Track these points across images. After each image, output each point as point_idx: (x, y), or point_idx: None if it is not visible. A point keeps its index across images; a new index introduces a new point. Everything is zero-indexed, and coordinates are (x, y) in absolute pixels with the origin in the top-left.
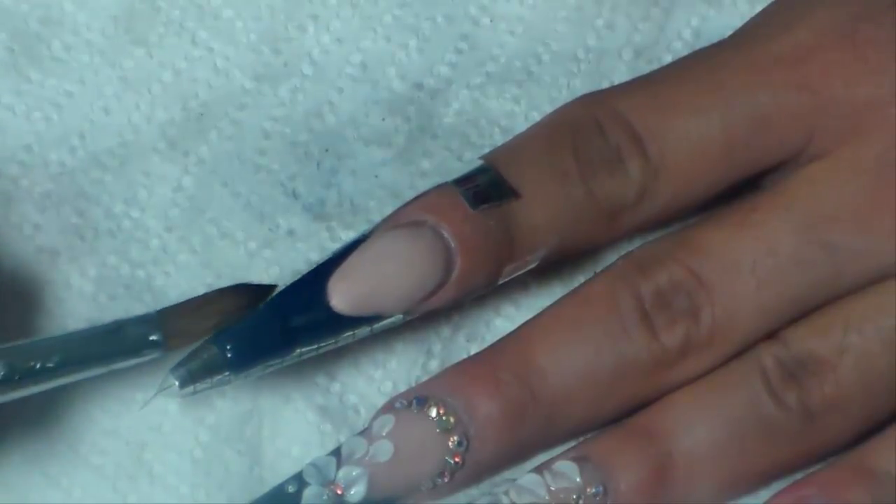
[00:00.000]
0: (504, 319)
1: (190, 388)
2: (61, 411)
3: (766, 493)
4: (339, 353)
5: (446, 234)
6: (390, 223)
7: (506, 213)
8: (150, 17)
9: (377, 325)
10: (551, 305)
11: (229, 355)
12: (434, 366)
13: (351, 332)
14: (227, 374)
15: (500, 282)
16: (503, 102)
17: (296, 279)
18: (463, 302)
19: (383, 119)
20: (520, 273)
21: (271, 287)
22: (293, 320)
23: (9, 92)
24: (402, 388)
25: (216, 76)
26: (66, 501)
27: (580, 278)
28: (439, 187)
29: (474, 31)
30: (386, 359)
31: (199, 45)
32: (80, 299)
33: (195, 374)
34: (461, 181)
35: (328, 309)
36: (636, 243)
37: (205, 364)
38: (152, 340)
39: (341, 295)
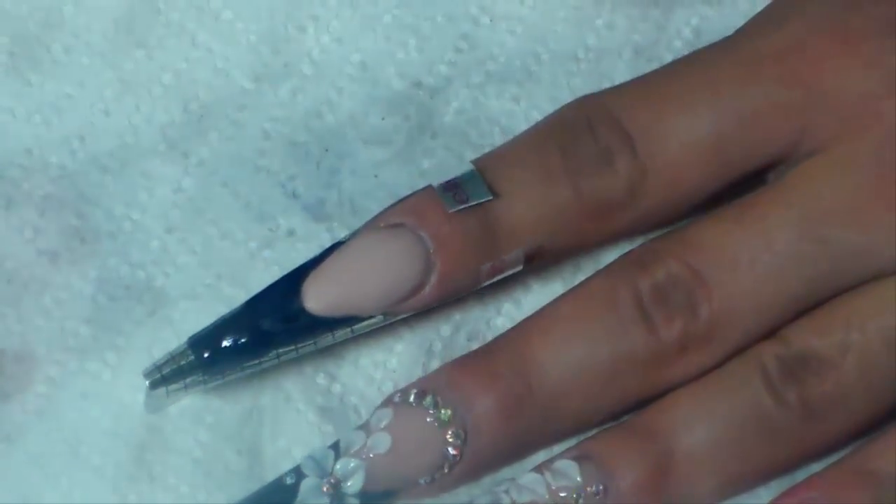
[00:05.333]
0: (505, 319)
1: (162, 390)
2: (61, 412)
3: (766, 493)
4: (340, 354)
5: (424, 236)
6: (369, 227)
7: (486, 213)
8: (149, 18)
9: (357, 327)
10: (550, 303)
11: (205, 357)
12: (435, 366)
13: (329, 334)
14: (201, 376)
15: (485, 284)
16: (503, 101)
17: (273, 281)
18: (446, 301)
19: (383, 118)
20: (506, 275)
21: None
22: (268, 323)
23: (9, 95)
24: None
25: (216, 77)
26: (66, 502)
27: (581, 279)
28: (420, 191)
29: (474, 30)
30: (386, 359)
31: (198, 47)
32: (80, 301)
33: (168, 377)
34: (445, 185)
35: (304, 311)
36: (638, 243)
37: (179, 367)
38: None
39: (315, 296)
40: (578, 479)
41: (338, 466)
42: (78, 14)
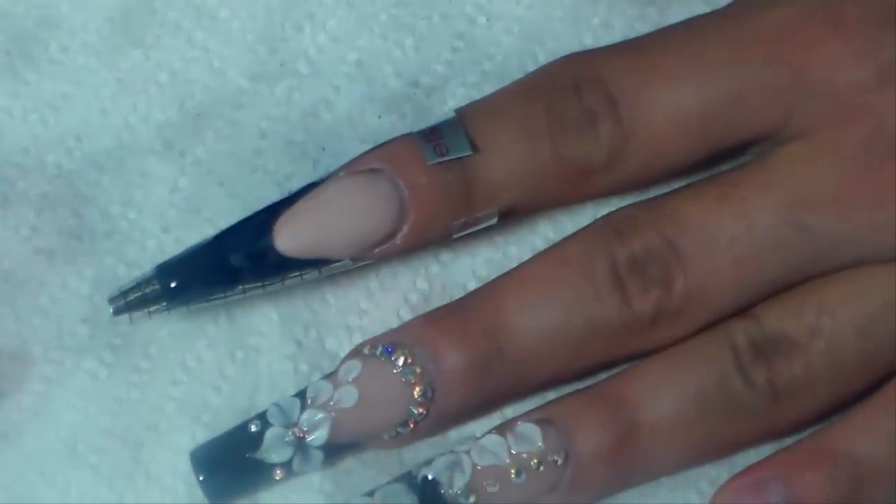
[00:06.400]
0: None
1: (125, 316)
2: (58, 411)
3: (726, 472)
4: (336, 351)
5: (401, 185)
6: (346, 170)
7: (465, 167)
8: (146, 17)
9: (325, 269)
10: (527, 261)
11: (171, 286)
12: None
13: (298, 274)
14: (164, 304)
15: (456, 236)
16: None
17: (245, 216)
18: (416, 250)
19: (379, 117)
20: (479, 228)
21: None
22: (237, 258)
23: (5, 94)
24: None
25: (212, 76)
26: (63, 501)
27: None
28: (401, 137)
29: (470, 29)
30: None
31: (195, 46)
32: (76, 300)
33: (132, 305)
34: (426, 132)
35: (273, 250)
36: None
37: (143, 295)
38: None
39: (286, 237)
40: (540, 443)
41: (303, 417)
42: (74, 13)
